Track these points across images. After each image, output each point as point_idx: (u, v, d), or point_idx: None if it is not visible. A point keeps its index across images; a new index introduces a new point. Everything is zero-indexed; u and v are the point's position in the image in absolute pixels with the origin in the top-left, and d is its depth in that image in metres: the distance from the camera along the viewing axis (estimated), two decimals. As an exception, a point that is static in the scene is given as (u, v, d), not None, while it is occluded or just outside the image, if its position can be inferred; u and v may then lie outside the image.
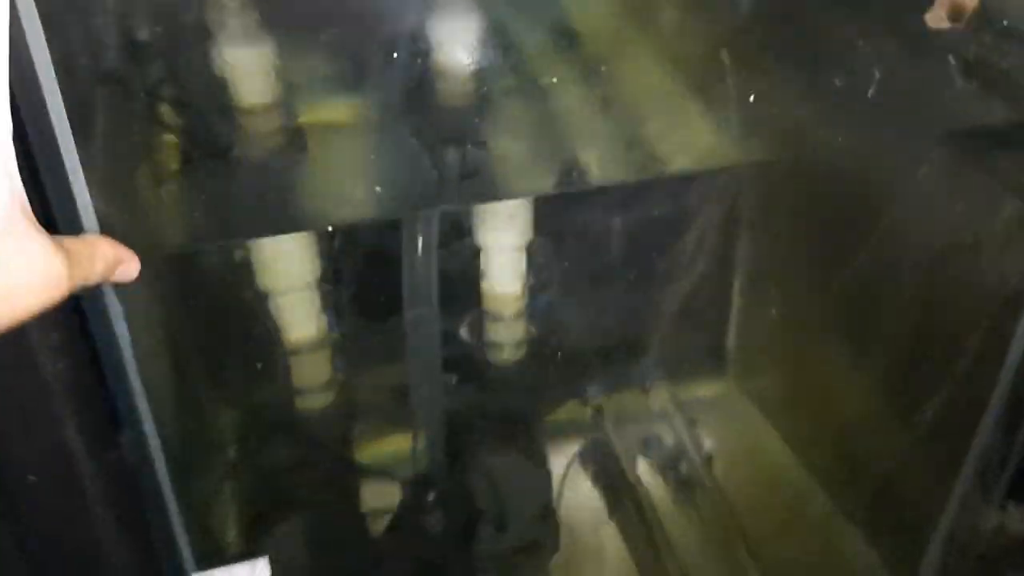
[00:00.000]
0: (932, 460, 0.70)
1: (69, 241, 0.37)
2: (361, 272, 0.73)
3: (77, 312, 0.42)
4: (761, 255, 0.84)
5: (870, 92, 0.47)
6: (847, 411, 0.80)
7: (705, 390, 0.92)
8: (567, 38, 0.51)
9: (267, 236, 0.61)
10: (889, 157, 0.64)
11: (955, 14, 0.41)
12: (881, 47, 0.48)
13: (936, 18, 0.41)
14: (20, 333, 0.39)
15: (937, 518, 0.71)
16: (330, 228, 0.67)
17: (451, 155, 0.49)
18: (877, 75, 0.48)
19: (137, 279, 0.40)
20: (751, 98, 0.49)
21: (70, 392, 0.41)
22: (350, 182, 0.49)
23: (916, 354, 0.70)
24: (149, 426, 0.46)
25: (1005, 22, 0.44)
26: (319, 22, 0.43)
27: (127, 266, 0.40)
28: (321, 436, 0.76)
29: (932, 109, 0.52)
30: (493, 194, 0.62)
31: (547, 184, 0.56)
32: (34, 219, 0.34)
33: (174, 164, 0.44)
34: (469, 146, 0.49)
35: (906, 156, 0.63)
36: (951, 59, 0.46)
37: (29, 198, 0.34)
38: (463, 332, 0.79)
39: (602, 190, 0.78)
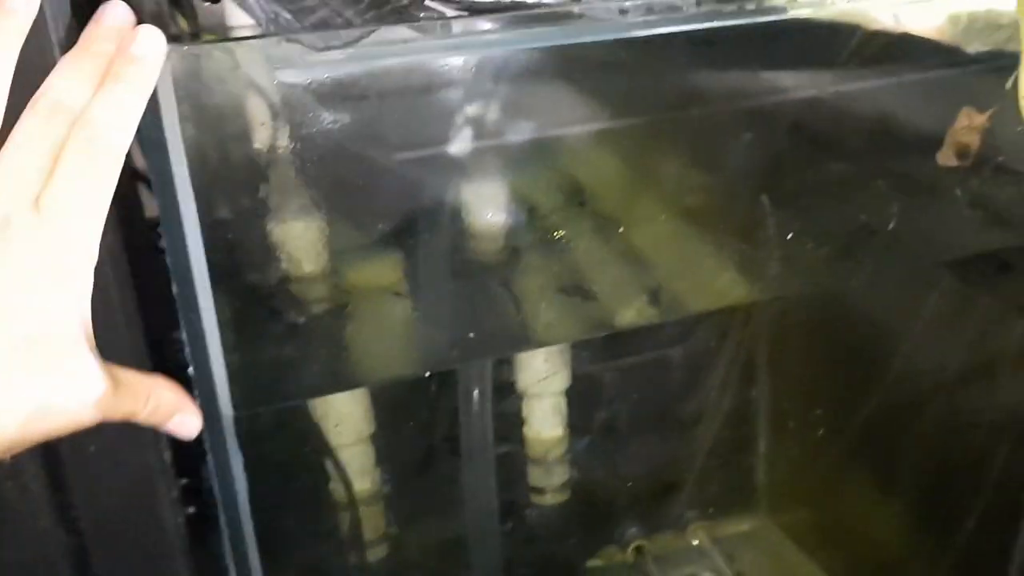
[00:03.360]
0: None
1: (125, 373, 0.38)
2: (415, 425, 0.76)
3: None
4: (784, 389, 0.88)
5: (887, 226, 0.53)
6: (880, 537, 0.82)
7: (741, 525, 0.93)
8: (580, 197, 0.56)
9: (323, 395, 0.65)
10: (902, 287, 0.70)
11: (962, 153, 0.47)
12: (891, 186, 0.54)
13: (946, 157, 0.47)
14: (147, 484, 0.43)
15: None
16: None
17: (492, 308, 0.54)
18: (890, 211, 0.54)
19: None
20: (763, 239, 0.55)
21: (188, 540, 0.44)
22: (398, 339, 0.53)
23: (943, 477, 0.73)
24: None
25: (1000, 159, 0.51)
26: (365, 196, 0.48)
27: (185, 418, 0.40)
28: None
29: (940, 239, 0.58)
30: (531, 343, 0.66)
31: (578, 332, 0.60)
32: (92, 343, 0.36)
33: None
34: (507, 300, 0.54)
35: (918, 285, 0.69)
36: (958, 192, 0.53)
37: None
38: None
39: (634, 337, 0.84)
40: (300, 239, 0.43)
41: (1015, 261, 0.65)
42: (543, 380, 0.78)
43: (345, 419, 0.71)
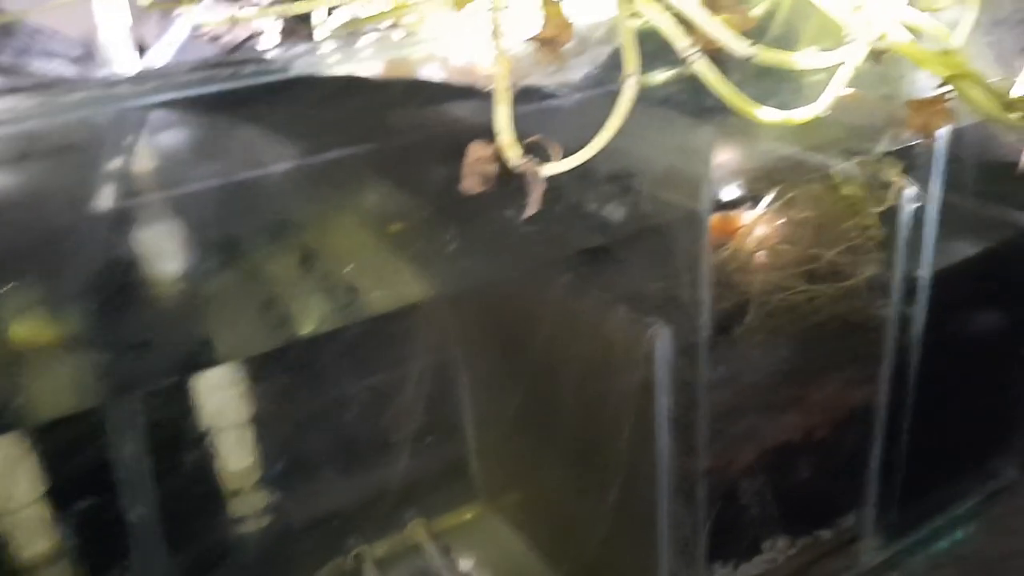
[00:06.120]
0: (634, 542, 0.79)
1: None
2: (87, 479, 0.76)
3: None
4: (478, 381, 0.94)
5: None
6: (566, 509, 0.89)
7: (461, 516, 0.98)
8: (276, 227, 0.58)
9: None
10: (539, 283, 0.76)
11: (484, 180, 0.51)
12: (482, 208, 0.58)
13: (469, 185, 0.51)
14: None
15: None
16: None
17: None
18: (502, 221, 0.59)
19: None
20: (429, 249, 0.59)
21: None
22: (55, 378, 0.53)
23: (592, 448, 0.80)
24: None
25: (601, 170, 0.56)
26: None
27: None
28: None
29: (534, 247, 0.63)
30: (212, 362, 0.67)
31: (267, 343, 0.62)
32: None
33: None
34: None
35: (544, 282, 0.75)
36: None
37: None
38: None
39: (316, 351, 0.86)
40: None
41: (617, 254, 0.72)
42: (224, 412, 0.79)
43: (3, 485, 0.71)
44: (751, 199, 0.76)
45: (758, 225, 0.75)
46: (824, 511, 0.88)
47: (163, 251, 0.53)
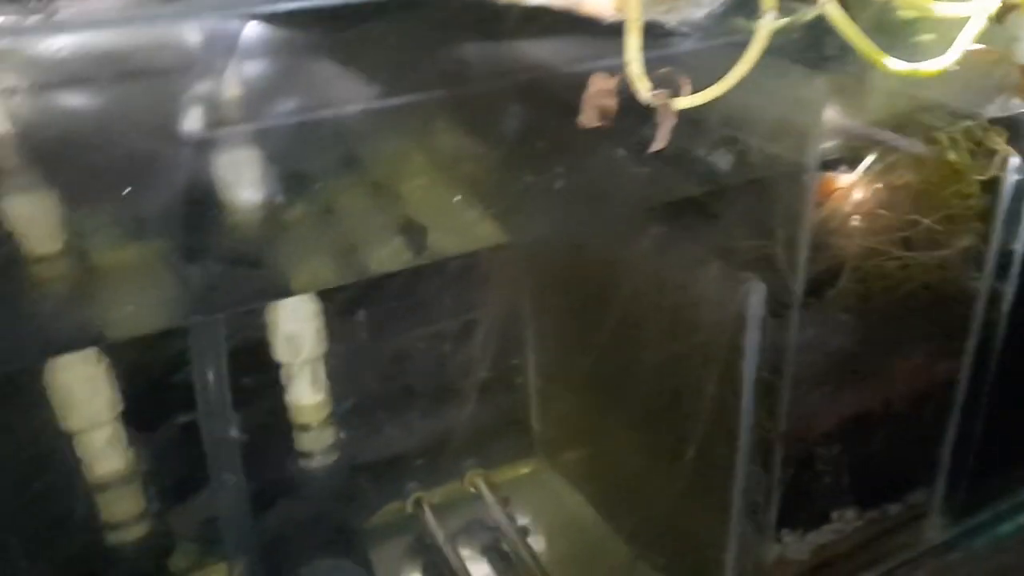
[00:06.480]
0: (705, 504, 0.78)
1: None
2: (162, 400, 0.76)
3: None
4: (545, 336, 0.93)
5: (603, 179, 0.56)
6: (631, 469, 0.88)
7: (518, 470, 0.98)
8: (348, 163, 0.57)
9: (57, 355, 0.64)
10: (621, 237, 0.74)
11: (603, 115, 0.50)
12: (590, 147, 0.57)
13: (588, 119, 0.50)
14: None
15: (722, 557, 0.78)
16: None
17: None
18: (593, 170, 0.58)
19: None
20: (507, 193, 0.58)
21: None
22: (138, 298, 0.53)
23: (670, 407, 0.79)
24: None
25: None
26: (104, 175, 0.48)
27: None
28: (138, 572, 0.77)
29: (639, 190, 0.62)
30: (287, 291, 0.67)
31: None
32: None
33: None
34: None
35: (632, 234, 0.73)
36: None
37: None
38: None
39: (392, 291, 0.85)
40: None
41: (713, 208, 0.70)
42: (298, 345, 0.79)
43: (82, 403, 0.71)
44: (851, 159, 0.73)
45: (857, 187, 0.73)
46: (895, 485, 0.87)
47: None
